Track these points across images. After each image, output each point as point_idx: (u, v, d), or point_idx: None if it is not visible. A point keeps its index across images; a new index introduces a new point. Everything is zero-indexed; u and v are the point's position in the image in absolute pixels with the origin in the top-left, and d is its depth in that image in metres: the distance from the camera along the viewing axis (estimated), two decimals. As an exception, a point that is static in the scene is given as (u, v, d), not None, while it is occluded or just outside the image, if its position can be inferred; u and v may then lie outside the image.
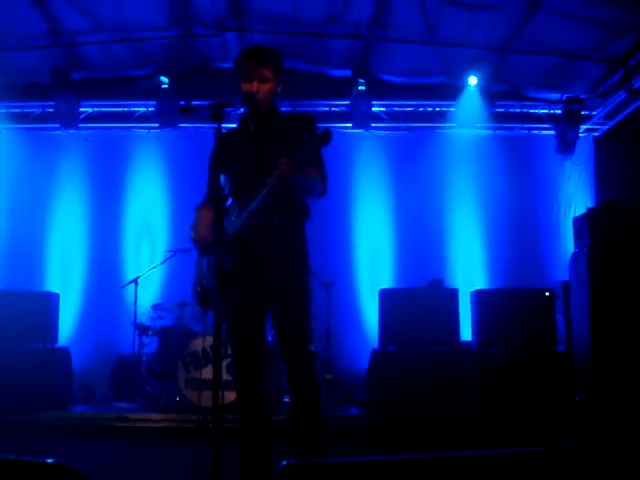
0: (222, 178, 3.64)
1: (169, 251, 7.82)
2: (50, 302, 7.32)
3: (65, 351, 7.27)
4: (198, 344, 6.69)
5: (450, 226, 8.88)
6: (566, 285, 7.29)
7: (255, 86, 3.62)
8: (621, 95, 8.32)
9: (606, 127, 9.03)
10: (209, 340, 6.45)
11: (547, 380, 6.35)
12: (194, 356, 6.68)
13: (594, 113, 9.01)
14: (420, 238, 8.74)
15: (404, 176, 8.94)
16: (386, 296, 6.84)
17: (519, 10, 7.29)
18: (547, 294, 6.79)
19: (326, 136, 3.30)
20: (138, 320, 7.56)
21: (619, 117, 8.65)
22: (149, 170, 8.97)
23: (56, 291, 7.71)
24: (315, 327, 3.68)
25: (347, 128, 8.93)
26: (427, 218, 8.81)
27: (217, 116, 3.25)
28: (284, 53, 3.81)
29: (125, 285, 7.91)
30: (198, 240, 3.71)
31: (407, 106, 9.12)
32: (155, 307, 7.69)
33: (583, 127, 9.00)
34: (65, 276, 8.63)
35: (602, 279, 6.59)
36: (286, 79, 3.81)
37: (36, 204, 8.78)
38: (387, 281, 8.54)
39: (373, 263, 8.82)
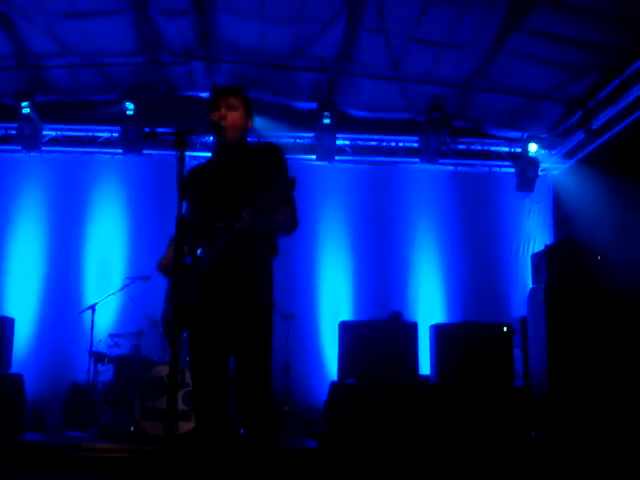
0: (189, 208, 3.65)
1: (128, 278, 7.74)
2: (4, 327, 7.16)
3: (18, 377, 7.10)
4: (154, 373, 6.59)
5: (411, 260, 8.95)
6: (524, 320, 7.38)
7: (222, 112, 3.64)
8: (580, 135, 8.52)
9: (565, 166, 9.21)
10: (166, 369, 6.37)
11: (504, 414, 6.38)
12: (150, 385, 6.57)
13: (553, 152, 9.21)
14: (381, 271, 8.81)
15: (366, 209, 9.02)
16: (346, 328, 6.83)
17: (482, 50, 7.45)
18: (505, 329, 6.86)
19: (291, 184, 3.28)
20: (94, 347, 7.43)
21: (578, 157, 8.84)
22: (111, 196, 8.90)
23: (11, 315, 7.56)
24: (274, 359, 3.65)
25: (311, 160, 8.99)
26: (388, 251, 8.88)
27: (180, 143, 3.24)
28: (250, 84, 3.86)
29: (82, 311, 7.78)
30: (161, 271, 3.72)
31: (371, 140, 9.27)
32: (112, 335, 7.57)
33: (542, 165, 9.18)
34: (21, 300, 8.47)
35: (559, 315, 6.68)
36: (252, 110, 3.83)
37: (-7, 226, 8.65)
38: (347, 313, 8.54)
39: (334, 295, 8.82)
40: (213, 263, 3.46)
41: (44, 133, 8.82)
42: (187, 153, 3.32)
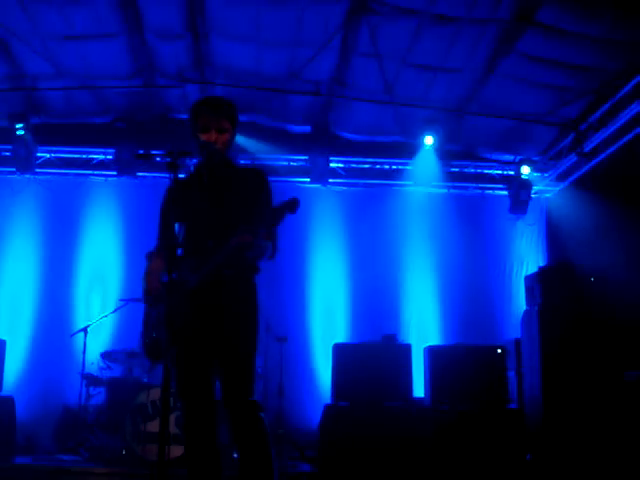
0: (175, 227, 3.63)
1: (122, 300, 7.70)
2: (-5, 349, 7.13)
3: (9, 400, 7.03)
4: (147, 396, 6.54)
5: (404, 282, 8.95)
6: (518, 342, 7.37)
7: (214, 136, 3.63)
8: (572, 158, 8.59)
9: (558, 188, 9.27)
10: (158, 392, 6.33)
11: (499, 437, 6.35)
12: (142, 408, 6.52)
13: (546, 175, 9.26)
14: (375, 293, 8.80)
15: (360, 232, 9.03)
16: (339, 351, 6.81)
17: (474, 73, 7.52)
18: (499, 351, 6.85)
19: (294, 205, 3.29)
20: (86, 370, 7.38)
21: (570, 179, 8.90)
22: (105, 218, 8.89)
23: (3, 337, 7.51)
24: (269, 381, 3.64)
25: (305, 183, 9.02)
26: (382, 274, 8.87)
27: (173, 164, 3.25)
28: (245, 107, 3.87)
29: (74, 334, 7.74)
30: (149, 290, 3.69)
31: (364, 163, 9.30)
32: (104, 356, 7.50)
33: (535, 188, 9.22)
34: (13, 322, 8.42)
35: (553, 337, 6.69)
36: (246, 132, 3.85)
37: (-14, 248, 8.62)
38: (341, 336, 8.50)
39: (327, 317, 8.81)
40: (203, 280, 3.46)
41: (38, 155, 8.83)
42: (180, 175, 3.34)
